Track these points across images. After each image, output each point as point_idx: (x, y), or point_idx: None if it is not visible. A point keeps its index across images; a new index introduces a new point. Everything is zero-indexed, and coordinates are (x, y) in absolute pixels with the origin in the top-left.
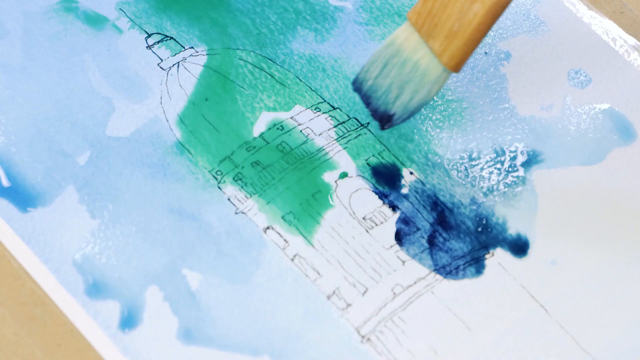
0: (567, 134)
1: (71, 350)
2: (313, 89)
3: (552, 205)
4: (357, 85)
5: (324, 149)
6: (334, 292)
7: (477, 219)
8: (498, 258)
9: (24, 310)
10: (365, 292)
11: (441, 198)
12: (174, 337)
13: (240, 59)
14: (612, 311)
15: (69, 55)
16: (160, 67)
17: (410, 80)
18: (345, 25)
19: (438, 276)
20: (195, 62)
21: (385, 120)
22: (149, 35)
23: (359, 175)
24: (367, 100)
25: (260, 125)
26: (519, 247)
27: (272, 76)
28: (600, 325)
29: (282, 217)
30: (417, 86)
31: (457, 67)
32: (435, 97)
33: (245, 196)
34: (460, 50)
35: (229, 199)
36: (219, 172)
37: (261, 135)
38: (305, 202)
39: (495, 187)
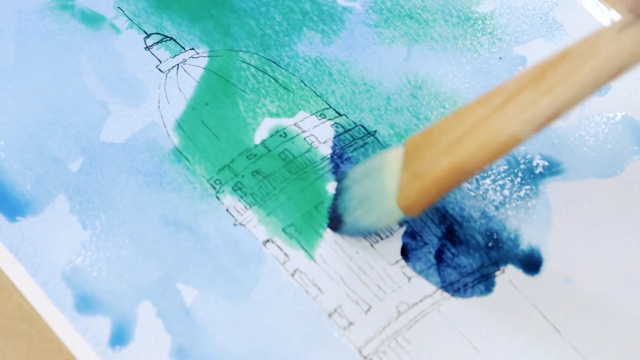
0: (584, 144)
1: None
2: (318, 94)
3: (567, 219)
4: (340, 177)
5: (328, 158)
6: (335, 310)
7: (488, 233)
8: (509, 275)
9: (10, 325)
10: (368, 310)
11: (450, 211)
12: (166, 356)
13: (243, 62)
14: (629, 334)
15: (63, 56)
16: (159, 70)
17: (371, 200)
18: (354, 27)
19: (445, 294)
20: (195, 65)
21: (334, 222)
22: (148, 36)
23: None
24: (336, 195)
25: (262, 131)
26: (531, 264)
27: (275, 80)
28: (616, 349)
29: (283, 230)
30: (372, 208)
31: (407, 209)
32: (385, 229)
33: (245, 207)
34: (415, 194)
35: (227, 210)
36: (217, 182)
37: (263, 142)
38: (308, 214)
39: (507, 200)
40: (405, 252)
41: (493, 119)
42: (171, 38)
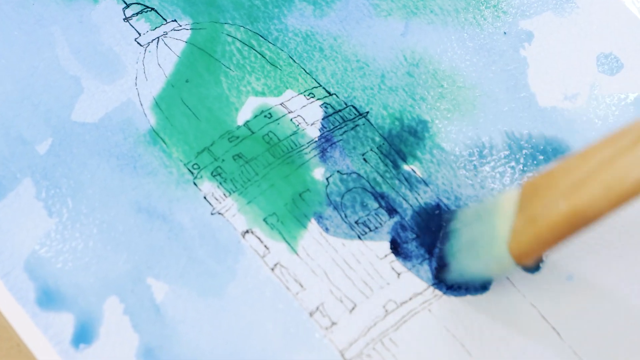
0: (593, 128)
1: None
2: (308, 71)
3: None
4: (447, 218)
5: (315, 142)
6: (317, 309)
7: None
8: None
9: None
10: (353, 308)
11: (445, 201)
12: (133, 356)
13: (228, 35)
14: (634, 338)
15: (35, 27)
16: (138, 43)
17: (480, 244)
18: None
19: (437, 292)
20: (177, 38)
21: (440, 267)
22: (128, 6)
23: (353, 173)
24: (443, 240)
25: (245, 112)
26: None
27: (262, 55)
28: (620, 354)
29: (264, 220)
30: (480, 253)
31: (519, 256)
32: (494, 277)
33: (224, 194)
34: (528, 240)
35: (205, 197)
36: (195, 166)
37: (246, 123)
38: (291, 203)
39: (507, 189)
40: (395, 246)
41: (620, 161)
42: (152, 9)
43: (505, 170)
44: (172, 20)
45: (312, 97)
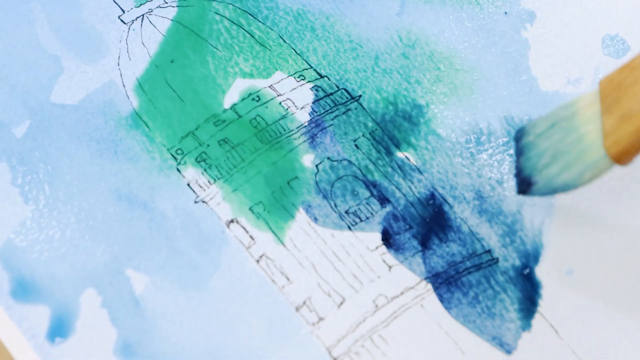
0: None
1: None
2: (298, 52)
3: (572, 202)
4: (519, 135)
5: (305, 127)
6: (304, 303)
7: (482, 216)
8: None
9: None
10: (341, 303)
11: (440, 190)
12: (110, 352)
13: (216, 13)
14: (635, 337)
15: (14, 3)
16: (121, 20)
17: (567, 153)
18: None
19: (430, 286)
20: (162, 16)
21: (524, 185)
22: None
23: (344, 159)
24: (519, 155)
25: (232, 94)
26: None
27: (251, 35)
28: (620, 354)
29: (250, 209)
30: (570, 162)
31: (619, 157)
32: (586, 183)
33: (208, 181)
34: (627, 137)
35: (188, 185)
36: (179, 151)
37: (233, 106)
38: (279, 191)
39: (505, 178)
40: (387, 237)
41: None
42: None
43: (503, 158)
44: None
45: (303, 79)
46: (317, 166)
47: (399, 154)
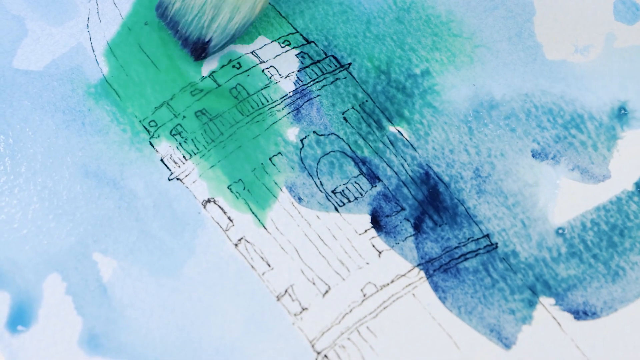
0: (607, 85)
1: None
2: (283, 14)
3: (578, 184)
4: (162, 11)
5: (290, 97)
6: (286, 291)
7: (480, 197)
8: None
9: None
10: (326, 292)
11: (435, 168)
12: (74, 343)
13: None
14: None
15: None
16: None
17: None
18: None
19: (423, 273)
20: None
21: (199, 49)
22: None
23: (332, 134)
24: (174, 27)
25: (211, 61)
26: None
27: None
28: (627, 351)
29: (229, 187)
30: (237, 2)
31: None
32: (262, 12)
33: (184, 157)
34: None
35: (161, 160)
36: (152, 123)
37: (211, 74)
38: (260, 168)
39: (506, 154)
40: (376, 219)
41: None
42: None
43: (504, 132)
44: None
45: (288, 44)
46: (301, 141)
47: (391, 129)
